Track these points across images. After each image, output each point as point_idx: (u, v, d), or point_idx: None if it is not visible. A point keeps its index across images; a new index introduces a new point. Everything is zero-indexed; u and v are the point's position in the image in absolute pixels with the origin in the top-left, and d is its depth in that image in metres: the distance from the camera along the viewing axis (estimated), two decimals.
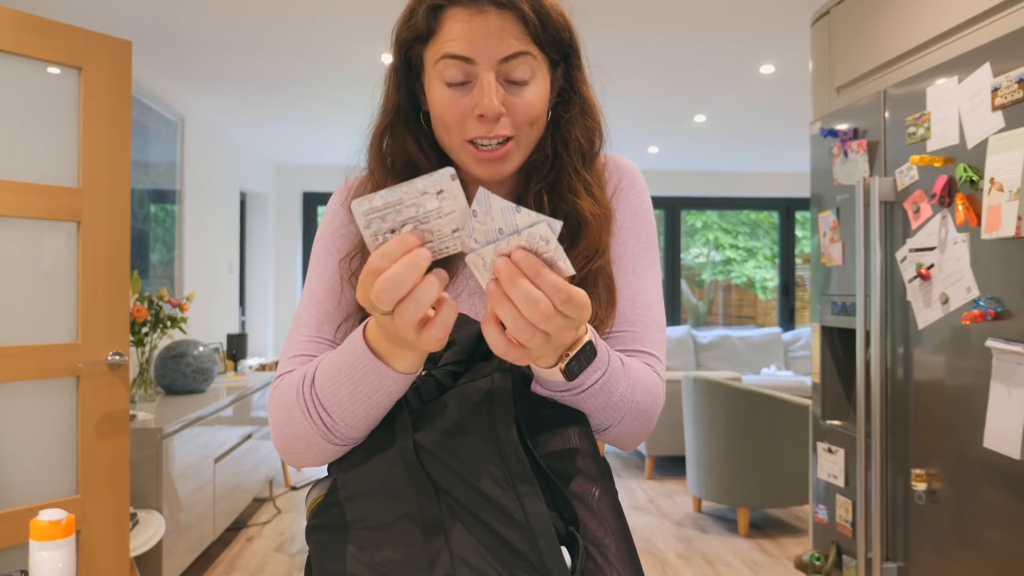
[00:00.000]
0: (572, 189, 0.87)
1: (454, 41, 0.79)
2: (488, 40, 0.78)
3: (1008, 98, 1.59)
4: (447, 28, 0.80)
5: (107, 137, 2.30)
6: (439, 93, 0.82)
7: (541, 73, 0.83)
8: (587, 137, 0.89)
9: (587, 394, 0.75)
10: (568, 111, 0.89)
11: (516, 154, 0.84)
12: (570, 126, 0.89)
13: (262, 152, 6.28)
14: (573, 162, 0.88)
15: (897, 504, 1.99)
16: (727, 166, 6.98)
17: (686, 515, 4.20)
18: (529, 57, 0.80)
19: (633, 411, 0.80)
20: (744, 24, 3.30)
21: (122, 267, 2.34)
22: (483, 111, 0.79)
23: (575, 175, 0.87)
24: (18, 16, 2.12)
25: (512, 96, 0.81)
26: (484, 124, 0.80)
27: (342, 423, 0.74)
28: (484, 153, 0.82)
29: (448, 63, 0.80)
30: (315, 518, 0.78)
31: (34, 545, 0.83)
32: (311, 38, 3.48)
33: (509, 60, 0.79)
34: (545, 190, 0.87)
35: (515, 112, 0.81)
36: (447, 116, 0.82)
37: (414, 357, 0.70)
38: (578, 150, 0.89)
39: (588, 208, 0.86)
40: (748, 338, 6.52)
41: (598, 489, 0.79)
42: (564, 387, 0.74)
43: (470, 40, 0.78)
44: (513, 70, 0.80)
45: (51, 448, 2.24)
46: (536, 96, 0.82)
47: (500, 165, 0.84)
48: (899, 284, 1.97)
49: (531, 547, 0.69)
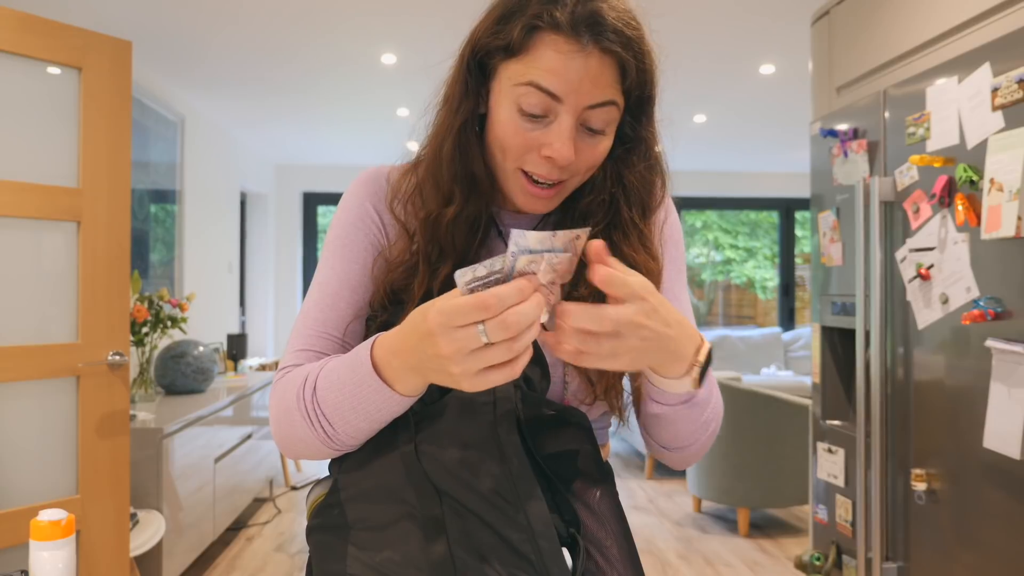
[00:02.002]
0: (627, 240, 0.84)
1: (547, 74, 0.73)
2: (583, 84, 0.73)
3: (1008, 98, 1.59)
4: (542, 53, 0.74)
5: (107, 137, 2.30)
6: (510, 117, 0.76)
7: (615, 123, 0.79)
8: (647, 188, 0.86)
9: (698, 405, 0.77)
10: (631, 159, 0.84)
11: (564, 194, 0.82)
12: (630, 174, 0.84)
13: (262, 152, 6.28)
14: (631, 212, 0.84)
15: (897, 504, 1.99)
16: (727, 166, 6.98)
17: (686, 515, 4.20)
18: (614, 108, 0.77)
19: (714, 425, 0.81)
20: (744, 24, 3.30)
21: (122, 267, 2.34)
22: (555, 156, 0.75)
23: (631, 226, 0.84)
24: (18, 16, 2.12)
25: (583, 143, 0.77)
26: (549, 165, 0.77)
27: (343, 433, 0.74)
28: (536, 189, 0.79)
29: (531, 92, 0.74)
30: (316, 518, 0.78)
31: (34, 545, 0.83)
32: (311, 38, 3.48)
33: (594, 108, 0.75)
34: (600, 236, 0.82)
35: (581, 160, 0.78)
36: (511, 143, 0.77)
37: (420, 382, 0.68)
38: (637, 200, 0.85)
39: (643, 263, 0.83)
40: (748, 338, 6.52)
41: (599, 490, 0.79)
42: (683, 398, 0.75)
43: (565, 79, 0.73)
44: (594, 118, 0.76)
45: (51, 448, 2.24)
46: (606, 147, 0.79)
47: (546, 203, 0.81)
48: (899, 284, 1.97)
49: (532, 548, 0.69)
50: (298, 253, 6.91)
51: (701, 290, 7.81)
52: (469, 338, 0.59)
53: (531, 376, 0.76)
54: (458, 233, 0.82)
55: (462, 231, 0.82)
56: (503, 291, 0.59)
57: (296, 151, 6.26)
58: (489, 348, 0.60)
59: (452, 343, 0.60)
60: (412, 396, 0.70)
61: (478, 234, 0.84)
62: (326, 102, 4.63)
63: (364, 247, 0.86)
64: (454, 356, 0.60)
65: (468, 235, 0.83)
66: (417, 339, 0.63)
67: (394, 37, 3.48)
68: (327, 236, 0.89)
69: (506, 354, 0.60)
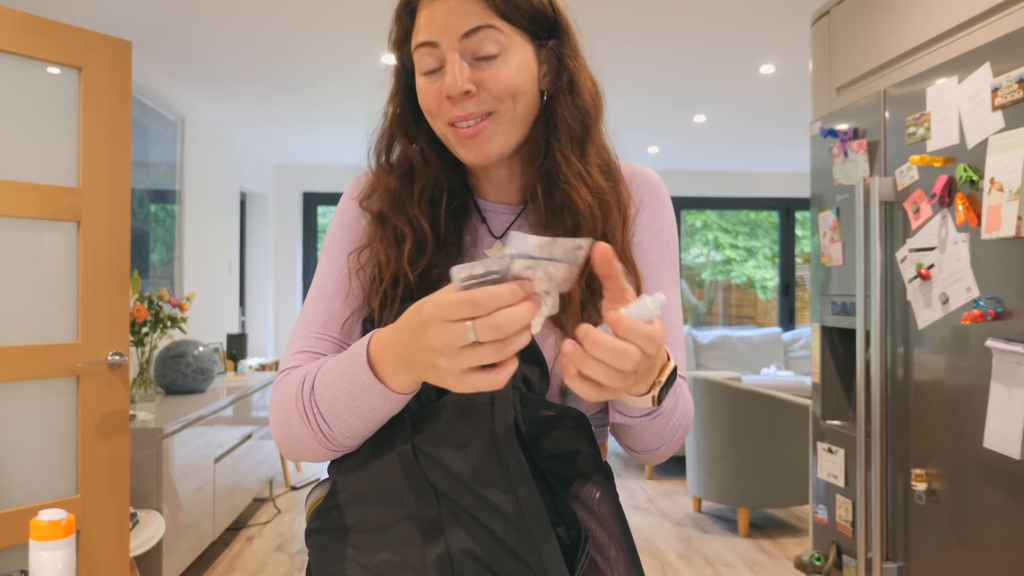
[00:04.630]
0: (564, 178, 0.83)
1: (421, 29, 0.81)
2: (446, 20, 0.79)
3: (1008, 98, 1.59)
4: (418, 21, 0.82)
5: (107, 137, 2.30)
6: (420, 83, 0.83)
7: (515, 46, 0.80)
8: (578, 119, 0.84)
9: (662, 416, 0.78)
10: (559, 93, 0.84)
11: (499, 132, 0.81)
12: (557, 107, 0.84)
13: (262, 152, 6.28)
14: (563, 148, 0.83)
15: (897, 504, 1.99)
16: (727, 166, 6.98)
17: (686, 515, 4.20)
18: (493, 31, 0.79)
19: (682, 430, 0.83)
20: (744, 24, 3.30)
21: (122, 267, 2.34)
22: (447, 90, 0.79)
23: (566, 163, 0.83)
24: (18, 16, 2.12)
25: (481, 72, 0.79)
26: (455, 104, 0.80)
27: (339, 433, 0.74)
28: (463, 131, 0.81)
29: (421, 52, 0.81)
30: (315, 521, 0.78)
31: (34, 545, 0.83)
32: (311, 38, 3.48)
33: (470, 36, 0.78)
34: (540, 180, 0.84)
35: (487, 87, 0.79)
36: (427, 103, 0.83)
37: (411, 378, 0.68)
38: (567, 133, 0.84)
39: (583, 198, 0.82)
40: (748, 338, 6.51)
41: (599, 491, 0.79)
42: (647, 411, 0.76)
43: (431, 24, 0.80)
44: (479, 47, 0.79)
45: (51, 448, 2.24)
46: (510, 69, 0.80)
47: (482, 143, 0.81)
48: (899, 284, 1.97)
49: (530, 550, 0.69)
50: (298, 253, 6.91)
51: (701, 290, 7.81)
52: (458, 333, 0.59)
53: (530, 377, 0.76)
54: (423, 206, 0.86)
55: (425, 205, 0.86)
56: (497, 291, 0.58)
57: (296, 151, 6.26)
58: (477, 347, 0.59)
59: (442, 336, 0.60)
60: (404, 393, 0.70)
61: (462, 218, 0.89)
62: (326, 102, 4.63)
63: (353, 244, 0.89)
64: (443, 350, 0.60)
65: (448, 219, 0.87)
66: (411, 333, 0.64)
67: None
68: (325, 239, 0.92)
69: (492, 355, 0.59)
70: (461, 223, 0.89)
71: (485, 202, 0.91)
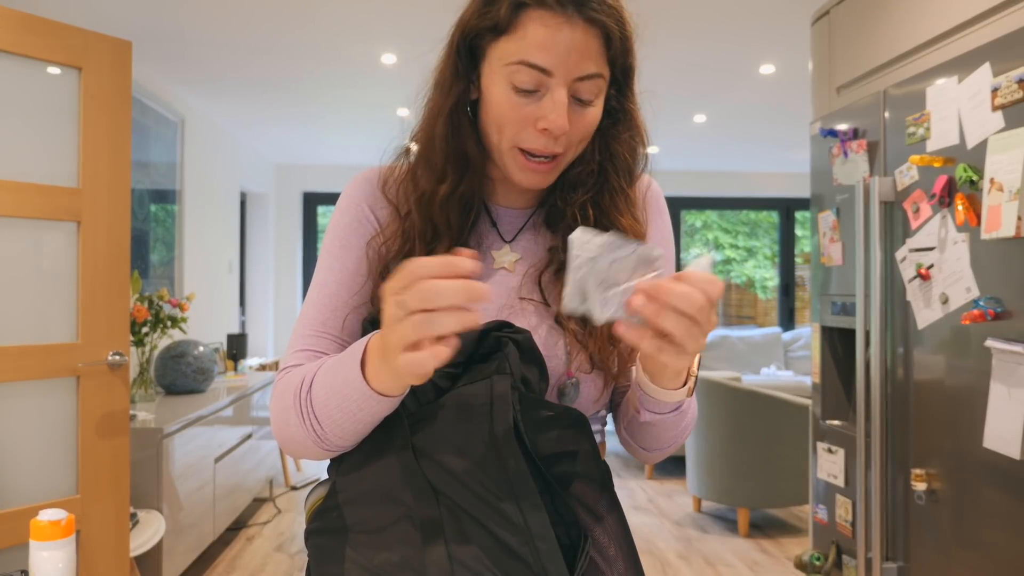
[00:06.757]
0: (615, 205, 0.87)
1: (537, 50, 0.75)
2: (571, 56, 0.76)
3: (1008, 98, 1.59)
4: (529, 30, 0.76)
5: (107, 137, 2.30)
6: (503, 95, 0.78)
7: (603, 93, 0.82)
8: (632, 156, 0.89)
9: (684, 412, 0.81)
10: (617, 129, 0.88)
11: (560, 168, 0.84)
12: (617, 144, 0.88)
13: (262, 152, 6.28)
14: (619, 179, 0.88)
15: (897, 504, 1.99)
16: (727, 166, 6.98)
17: (686, 515, 4.20)
18: (601, 80, 0.79)
19: (692, 427, 0.86)
20: (744, 24, 3.30)
21: (122, 267, 2.34)
22: (551, 127, 0.77)
23: (619, 192, 0.88)
24: (18, 16, 2.12)
25: (574, 114, 0.79)
26: (545, 138, 0.79)
27: (331, 433, 0.73)
28: (534, 164, 0.81)
29: (523, 69, 0.76)
30: (314, 521, 0.78)
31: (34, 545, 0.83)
32: (311, 38, 3.48)
33: (584, 80, 0.77)
34: (590, 203, 0.87)
35: (574, 131, 0.80)
36: (507, 120, 0.79)
37: (389, 375, 0.66)
38: (624, 168, 0.88)
39: (628, 226, 0.87)
40: (748, 338, 6.51)
41: (598, 491, 0.79)
42: (675, 406, 0.78)
43: (554, 53, 0.75)
44: (583, 89, 0.78)
45: (51, 448, 2.24)
46: (596, 116, 0.82)
47: (544, 177, 0.83)
48: (899, 284, 1.97)
49: (530, 550, 0.69)
50: (298, 253, 6.91)
51: None
52: (395, 305, 0.59)
53: (529, 377, 0.76)
54: (452, 212, 0.85)
55: (456, 210, 0.85)
56: (428, 261, 0.58)
57: (296, 151, 6.26)
58: (406, 319, 0.58)
59: (388, 308, 0.59)
60: (387, 395, 0.68)
61: (471, 217, 0.87)
62: (326, 102, 4.63)
63: (360, 247, 0.87)
64: (387, 323, 0.60)
65: (461, 215, 0.86)
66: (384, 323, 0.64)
67: (394, 37, 3.48)
68: (324, 238, 0.91)
69: (413, 329, 0.58)
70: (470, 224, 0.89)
71: (496, 206, 0.92)
